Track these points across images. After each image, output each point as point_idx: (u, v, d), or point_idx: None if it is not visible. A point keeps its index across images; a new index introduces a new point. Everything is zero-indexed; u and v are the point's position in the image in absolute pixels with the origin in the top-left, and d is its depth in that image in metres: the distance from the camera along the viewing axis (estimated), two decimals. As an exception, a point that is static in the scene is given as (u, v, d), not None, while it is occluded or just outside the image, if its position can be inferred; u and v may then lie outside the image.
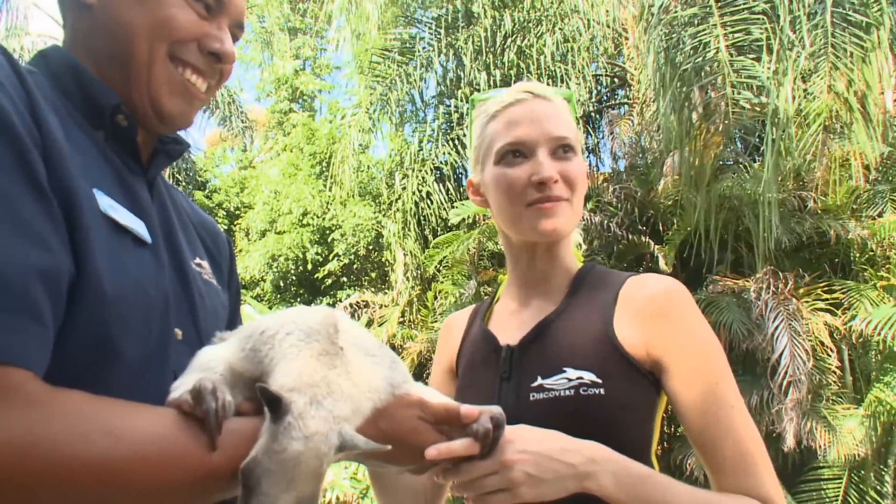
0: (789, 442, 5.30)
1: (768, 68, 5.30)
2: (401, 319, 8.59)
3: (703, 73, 5.68)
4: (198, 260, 0.90)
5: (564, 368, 0.97)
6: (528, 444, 0.81)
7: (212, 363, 0.70)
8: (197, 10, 0.81)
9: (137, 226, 0.74)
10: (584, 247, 1.25)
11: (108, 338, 0.66)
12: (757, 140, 6.38)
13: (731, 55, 5.53)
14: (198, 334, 0.80)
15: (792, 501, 5.69)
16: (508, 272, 1.17)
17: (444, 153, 8.43)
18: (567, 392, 0.96)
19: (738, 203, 5.90)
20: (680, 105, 5.70)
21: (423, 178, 8.25)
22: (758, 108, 5.49)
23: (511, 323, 1.10)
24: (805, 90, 5.70)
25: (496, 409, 0.79)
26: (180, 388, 0.66)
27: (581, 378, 0.96)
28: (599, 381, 0.95)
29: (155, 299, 0.72)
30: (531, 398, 0.98)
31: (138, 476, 0.58)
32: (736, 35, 5.59)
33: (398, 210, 8.43)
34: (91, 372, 0.64)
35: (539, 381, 0.99)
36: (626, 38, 8.10)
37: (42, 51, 0.81)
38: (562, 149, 1.05)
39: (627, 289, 1.03)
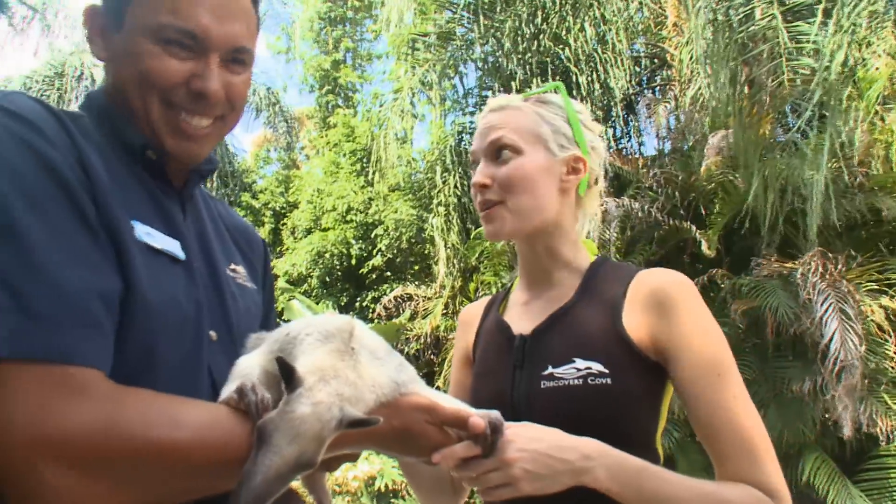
0: (847, 431, 5.09)
1: (823, 32, 5.03)
2: (444, 311, 8.68)
3: (755, 42, 5.45)
4: (232, 266, 0.99)
5: (574, 358, 1.03)
6: (528, 442, 0.88)
7: (248, 370, 0.81)
8: (175, 55, 0.83)
9: (172, 246, 0.84)
10: (615, 235, 1.25)
11: (153, 345, 0.77)
12: (797, 118, 6.14)
13: (788, 20, 5.31)
14: (231, 335, 0.90)
15: (854, 490, 5.49)
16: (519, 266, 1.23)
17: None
18: (576, 381, 1.01)
19: (785, 182, 5.69)
20: (731, 78, 5.49)
21: (465, 170, 8.29)
22: (812, 75, 5.21)
23: (524, 313, 1.16)
24: (862, 59, 5.43)
25: (494, 414, 0.87)
26: (226, 391, 0.77)
27: (589, 368, 1.01)
28: (606, 371, 1.00)
29: (188, 309, 0.83)
30: (542, 385, 1.04)
31: (196, 455, 0.70)
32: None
33: (440, 204, 8.50)
34: (139, 374, 0.74)
35: (550, 369, 1.04)
36: (665, 17, 7.89)
37: (88, 93, 0.92)
38: (497, 153, 1.12)
39: (637, 282, 1.07)
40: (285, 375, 0.70)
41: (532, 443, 0.88)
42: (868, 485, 5.63)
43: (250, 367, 0.82)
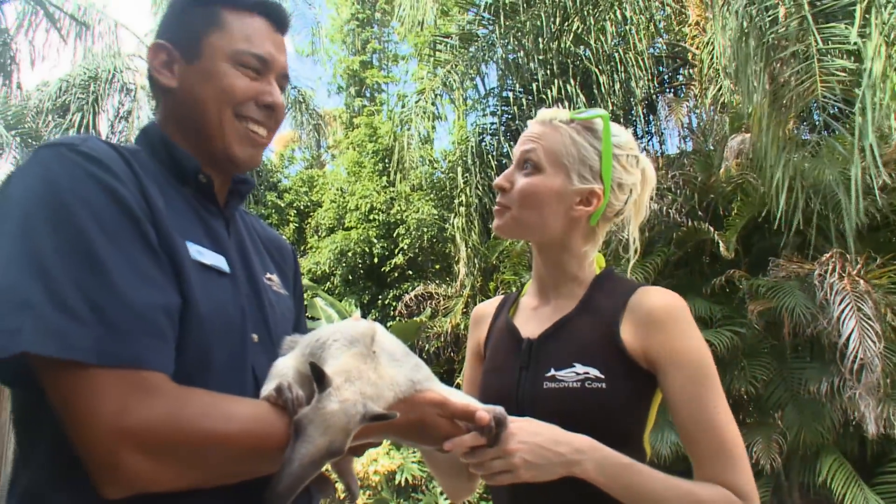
0: (872, 429, 5.03)
1: (860, 33, 4.99)
2: (464, 310, 8.80)
3: (779, 42, 5.41)
4: (268, 275, 1.12)
5: (574, 363, 1.14)
6: (527, 435, 0.99)
7: (284, 370, 0.94)
8: (248, 75, 1.02)
9: (219, 262, 0.98)
10: (642, 235, 1.37)
11: (206, 349, 0.90)
12: (824, 116, 6.10)
13: (819, 22, 5.28)
14: (270, 337, 1.03)
15: (871, 494, 5.46)
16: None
17: (507, 145, 8.47)
18: (574, 384, 1.13)
19: (808, 184, 5.66)
20: (759, 81, 5.45)
21: (486, 171, 8.36)
22: (849, 75, 5.17)
23: (533, 318, 1.27)
24: (890, 55, 5.37)
25: (499, 409, 0.98)
26: (266, 389, 0.90)
27: (587, 373, 1.12)
28: (602, 377, 1.11)
29: (234, 316, 0.96)
30: (545, 386, 1.15)
31: (244, 444, 0.83)
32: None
33: (461, 204, 8.58)
34: (195, 374, 0.87)
35: (552, 372, 1.15)
36: (687, 15, 7.87)
37: (143, 128, 1.07)
38: (524, 164, 1.23)
39: (635, 299, 1.17)
40: (316, 377, 0.83)
41: (531, 436, 0.99)
42: (886, 487, 5.57)
43: (286, 368, 0.95)
